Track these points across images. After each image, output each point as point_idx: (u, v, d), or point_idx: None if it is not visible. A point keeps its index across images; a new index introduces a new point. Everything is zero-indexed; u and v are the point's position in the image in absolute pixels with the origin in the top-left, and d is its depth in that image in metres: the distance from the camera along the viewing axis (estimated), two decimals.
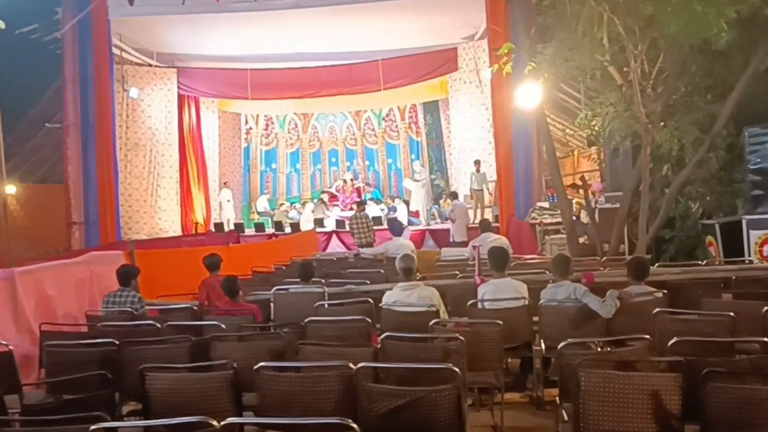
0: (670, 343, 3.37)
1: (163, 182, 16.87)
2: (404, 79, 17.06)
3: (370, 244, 12.17)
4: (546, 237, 11.53)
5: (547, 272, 6.40)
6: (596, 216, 9.84)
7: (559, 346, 3.35)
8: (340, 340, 3.92)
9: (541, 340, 4.68)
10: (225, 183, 18.82)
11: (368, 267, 8.20)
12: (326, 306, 5.00)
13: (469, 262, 7.90)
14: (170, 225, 16.85)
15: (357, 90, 17.37)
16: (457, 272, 6.59)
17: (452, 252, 10.13)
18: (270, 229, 16.59)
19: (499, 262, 5.06)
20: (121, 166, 16.07)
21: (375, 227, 15.64)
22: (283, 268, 8.24)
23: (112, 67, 14.86)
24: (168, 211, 16.94)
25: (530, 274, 6.02)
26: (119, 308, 5.26)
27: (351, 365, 2.85)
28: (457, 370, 2.75)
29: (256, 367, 2.91)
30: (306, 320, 4.28)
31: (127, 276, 5.46)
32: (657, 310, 4.06)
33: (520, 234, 12.49)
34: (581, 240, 10.17)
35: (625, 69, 8.22)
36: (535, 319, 4.84)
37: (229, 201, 18.40)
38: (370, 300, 4.96)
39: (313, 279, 6.04)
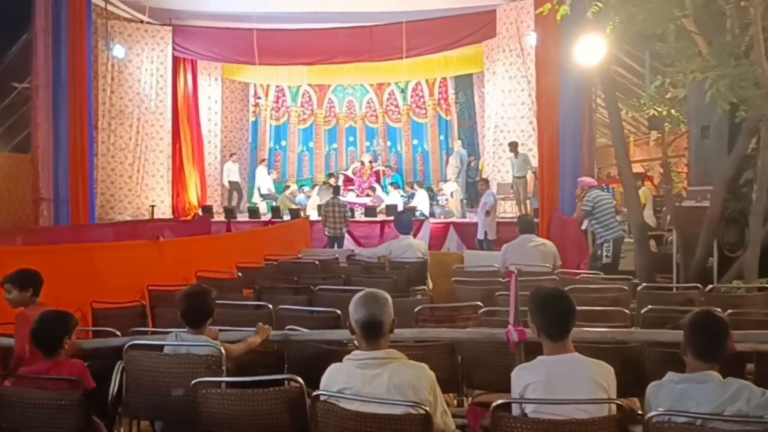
0: None
1: (152, 156, 14.72)
2: (433, 45, 14.60)
3: (342, 237, 11.38)
4: None
5: (625, 311, 4.00)
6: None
7: None
8: None
9: None
10: (232, 155, 16.40)
11: (360, 277, 5.88)
12: (221, 390, 2.50)
13: (501, 280, 5.51)
14: (159, 206, 14.73)
15: (378, 57, 14.99)
16: (479, 303, 4.20)
17: (479, 258, 7.66)
18: (268, 215, 14.33)
19: (556, 321, 2.51)
20: (104, 136, 14.09)
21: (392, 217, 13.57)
22: (239, 275, 5.93)
23: (90, 17, 12.66)
24: (156, 190, 14.82)
25: (594, 312, 3.59)
26: None
27: None
28: None
29: None
30: None
31: None
32: None
33: (565, 234, 9.99)
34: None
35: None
36: None
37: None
38: (299, 382, 2.47)
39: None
